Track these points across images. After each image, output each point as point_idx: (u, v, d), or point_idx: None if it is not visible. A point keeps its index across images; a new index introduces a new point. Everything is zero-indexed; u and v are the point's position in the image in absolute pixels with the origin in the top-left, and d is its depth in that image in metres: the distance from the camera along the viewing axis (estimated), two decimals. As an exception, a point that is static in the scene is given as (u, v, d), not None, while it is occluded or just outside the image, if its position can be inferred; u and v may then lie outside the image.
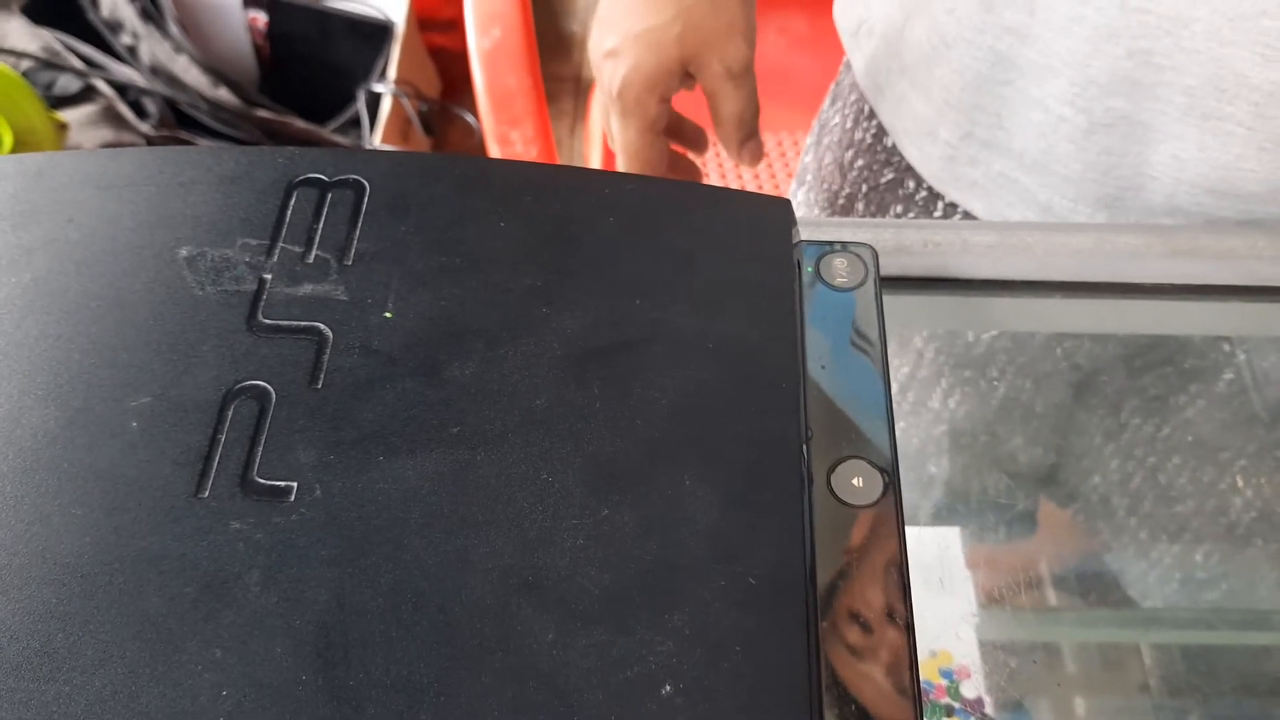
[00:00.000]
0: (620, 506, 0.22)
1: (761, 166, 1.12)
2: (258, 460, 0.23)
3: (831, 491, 0.24)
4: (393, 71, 1.38)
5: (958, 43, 0.43)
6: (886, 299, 0.28)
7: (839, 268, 0.28)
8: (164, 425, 0.23)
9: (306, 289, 0.25)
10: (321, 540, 0.22)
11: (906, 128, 0.49)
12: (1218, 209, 0.40)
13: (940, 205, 0.50)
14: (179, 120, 1.24)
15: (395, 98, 1.37)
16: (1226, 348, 0.43)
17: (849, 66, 0.56)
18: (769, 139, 1.14)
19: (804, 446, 0.24)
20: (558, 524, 0.22)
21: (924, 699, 0.37)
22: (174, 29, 1.21)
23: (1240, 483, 0.42)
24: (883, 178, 0.53)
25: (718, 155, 1.13)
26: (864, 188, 0.54)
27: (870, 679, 0.22)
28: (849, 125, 0.55)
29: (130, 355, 0.24)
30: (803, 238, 0.29)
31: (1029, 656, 0.39)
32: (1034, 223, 0.36)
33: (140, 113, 1.18)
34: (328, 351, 0.24)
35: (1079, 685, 0.40)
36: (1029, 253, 0.33)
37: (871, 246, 0.28)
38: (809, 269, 0.28)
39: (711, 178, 1.12)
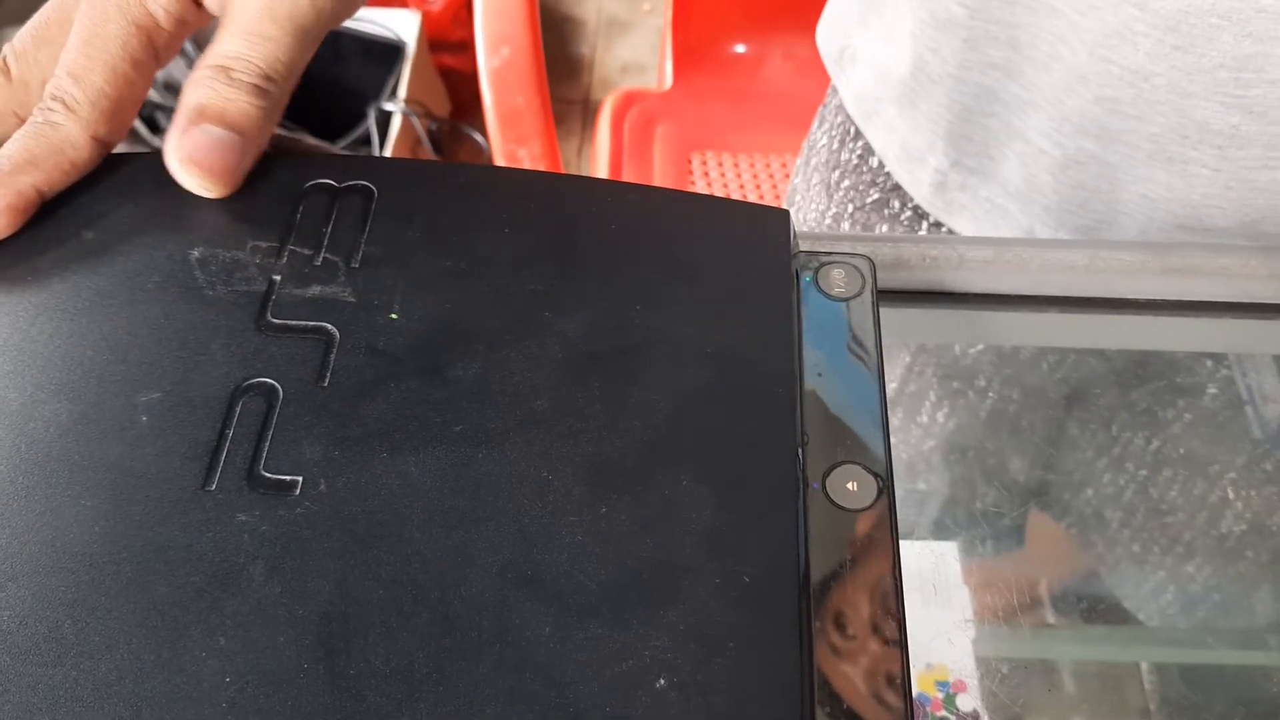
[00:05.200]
0: (618, 505, 0.23)
1: (766, 185, 1.13)
2: (264, 455, 0.23)
3: (826, 495, 0.25)
4: (403, 91, 1.40)
5: (943, 79, 0.43)
6: (883, 311, 0.29)
7: (836, 278, 0.29)
8: (173, 420, 0.24)
9: (315, 290, 0.26)
10: (325, 533, 0.22)
11: (896, 153, 0.50)
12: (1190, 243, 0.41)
13: (925, 225, 0.51)
14: (191, 136, 1.25)
15: (405, 116, 1.39)
16: (1220, 364, 0.44)
17: (835, 90, 0.57)
18: (773, 160, 1.15)
19: (799, 451, 0.25)
20: (557, 521, 0.23)
21: (920, 711, 0.37)
22: (189, 46, 1.23)
23: (1233, 496, 0.42)
24: (868, 198, 0.53)
25: (721, 168, 1.14)
26: (850, 208, 0.55)
27: (862, 676, 0.23)
28: (835, 146, 0.56)
29: (142, 352, 0.25)
30: (802, 249, 0.29)
31: (1024, 671, 0.40)
32: (1029, 239, 0.36)
33: (154, 127, 1.20)
34: (334, 351, 0.25)
35: (1074, 699, 0.40)
36: (1024, 268, 0.33)
37: (869, 258, 0.29)
38: (807, 279, 0.28)
39: (714, 193, 1.12)
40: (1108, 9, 0.35)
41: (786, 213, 0.29)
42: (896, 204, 0.52)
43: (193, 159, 0.27)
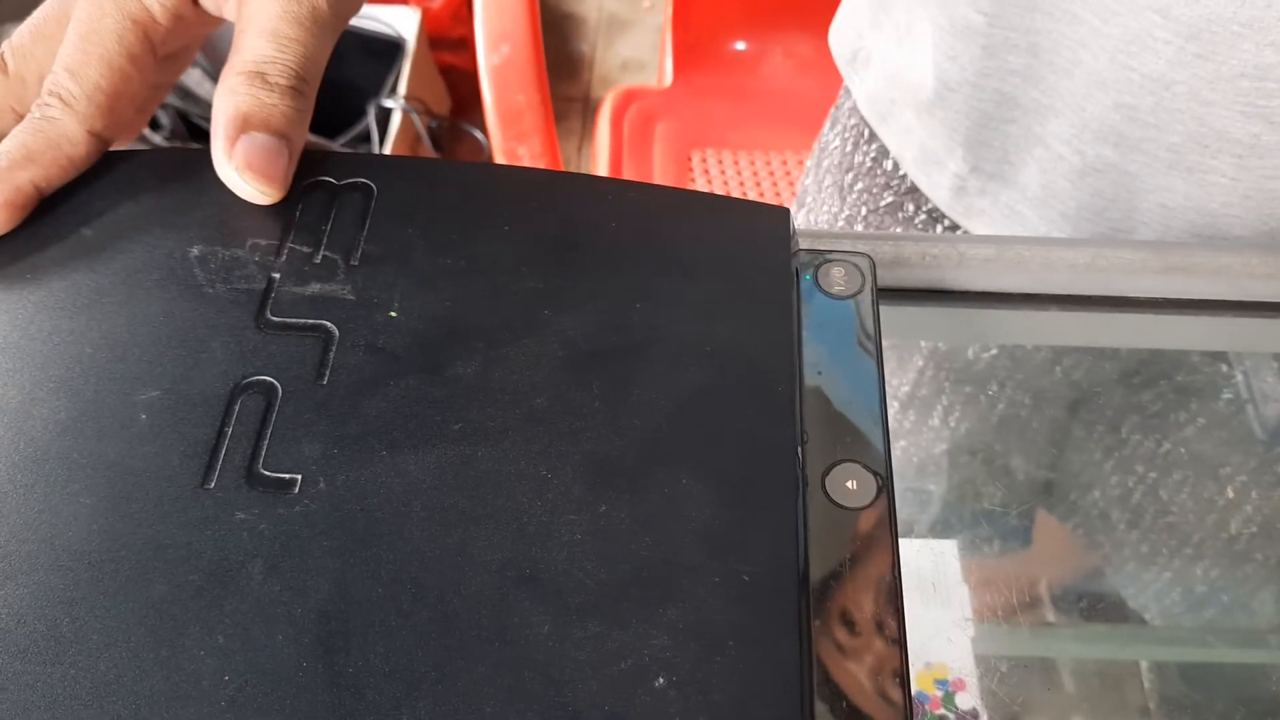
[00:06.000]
0: (618, 503, 0.23)
1: (767, 183, 1.13)
2: (263, 453, 0.23)
3: (826, 494, 0.25)
4: (403, 88, 1.40)
5: (962, 86, 0.43)
6: (884, 310, 0.29)
7: (836, 276, 0.28)
8: (172, 418, 0.23)
9: (314, 288, 0.26)
10: (324, 531, 0.22)
11: (915, 156, 0.49)
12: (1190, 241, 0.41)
13: (939, 229, 0.51)
14: (191, 132, 1.25)
15: (405, 113, 1.38)
16: (1224, 365, 0.44)
17: (848, 92, 0.56)
18: (773, 159, 1.15)
19: (799, 449, 0.25)
20: (556, 519, 0.23)
21: (919, 710, 0.37)
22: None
23: (1234, 496, 0.42)
24: (882, 201, 0.53)
25: (721, 166, 1.14)
26: (863, 210, 0.55)
27: (861, 675, 0.22)
28: (848, 149, 0.56)
29: (141, 350, 0.25)
30: (802, 247, 0.29)
31: (1024, 670, 0.40)
32: (1030, 237, 0.36)
33: (153, 124, 1.19)
34: (334, 349, 0.25)
35: (1074, 699, 0.40)
36: (1024, 267, 0.33)
37: (869, 256, 0.29)
38: (807, 277, 0.28)
39: (715, 191, 1.12)
40: (1130, 15, 0.35)
41: (786, 210, 0.29)
42: (911, 207, 0.51)
43: (250, 166, 0.26)
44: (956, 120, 0.45)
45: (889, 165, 0.52)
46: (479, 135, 1.56)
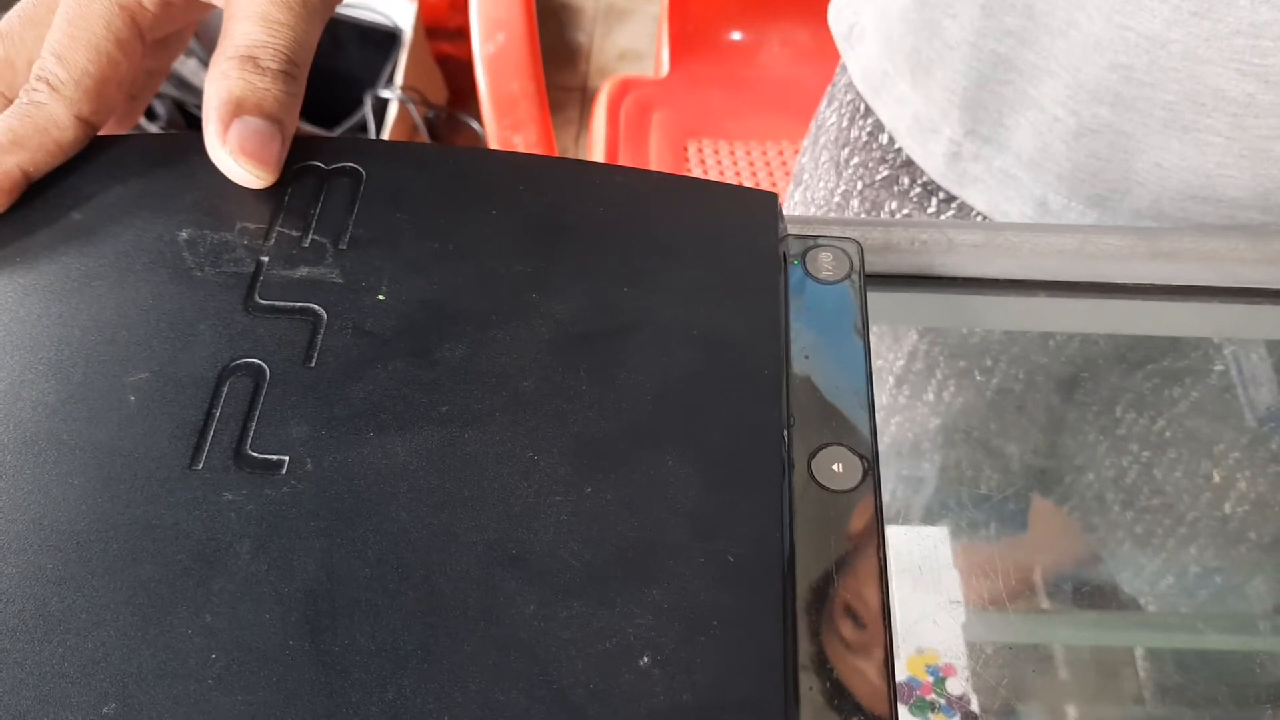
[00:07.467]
0: (604, 485, 0.23)
1: (763, 173, 1.13)
2: (251, 435, 0.23)
3: (812, 476, 0.25)
4: (400, 78, 1.39)
5: (960, 45, 0.43)
6: (873, 295, 0.29)
7: (824, 261, 0.29)
8: (161, 400, 0.24)
9: (302, 272, 0.26)
10: (311, 512, 0.22)
11: (908, 126, 0.49)
12: (1201, 214, 0.41)
13: (935, 201, 0.51)
14: (187, 122, 1.25)
15: (402, 104, 1.38)
16: (1217, 347, 0.44)
17: (844, 68, 0.57)
18: (770, 148, 1.15)
19: (785, 432, 0.25)
20: (542, 500, 0.23)
21: (909, 695, 0.38)
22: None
23: (1227, 481, 0.42)
24: (878, 174, 0.53)
25: (717, 155, 1.14)
26: (859, 185, 0.55)
27: (845, 656, 0.23)
28: (844, 124, 0.56)
29: (130, 333, 0.25)
30: (790, 232, 0.29)
31: (1015, 654, 0.40)
32: (1019, 223, 0.36)
33: (149, 114, 1.19)
34: (321, 332, 0.25)
35: (1066, 684, 0.41)
36: (1014, 253, 0.33)
37: (857, 241, 0.29)
38: (794, 262, 0.28)
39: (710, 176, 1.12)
40: None
41: (774, 195, 0.29)
42: (906, 180, 0.51)
43: (244, 150, 0.26)
44: (951, 84, 0.45)
45: (884, 139, 0.52)
46: (475, 126, 1.55)
